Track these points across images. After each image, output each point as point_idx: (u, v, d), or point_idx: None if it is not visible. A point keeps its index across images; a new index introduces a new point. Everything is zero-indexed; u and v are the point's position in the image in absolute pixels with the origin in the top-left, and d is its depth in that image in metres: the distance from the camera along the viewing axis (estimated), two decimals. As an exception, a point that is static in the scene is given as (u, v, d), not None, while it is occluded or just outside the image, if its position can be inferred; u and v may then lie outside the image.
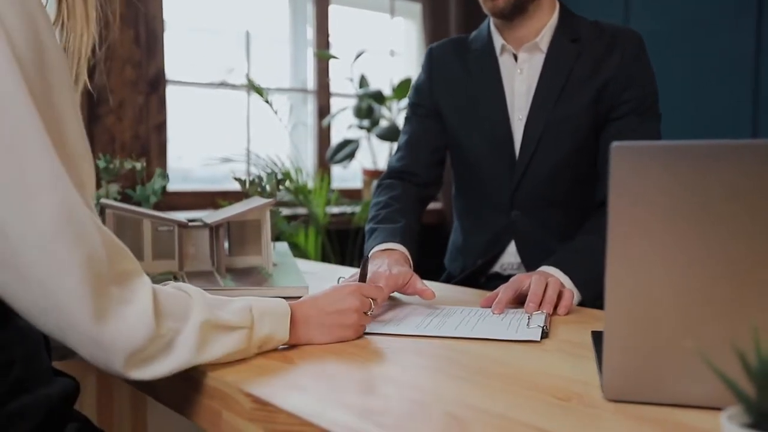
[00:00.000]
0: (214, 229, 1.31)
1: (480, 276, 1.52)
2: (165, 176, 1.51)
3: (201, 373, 0.78)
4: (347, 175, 3.30)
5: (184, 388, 0.81)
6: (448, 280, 1.57)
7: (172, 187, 2.76)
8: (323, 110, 3.17)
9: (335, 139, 3.14)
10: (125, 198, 1.48)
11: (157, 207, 2.67)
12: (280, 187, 1.49)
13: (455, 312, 1.08)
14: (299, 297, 1.18)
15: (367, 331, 0.96)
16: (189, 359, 0.74)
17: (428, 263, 1.70)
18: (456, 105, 1.52)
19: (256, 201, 1.34)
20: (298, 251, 2.61)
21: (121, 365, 0.69)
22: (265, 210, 1.31)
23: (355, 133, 3.07)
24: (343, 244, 2.85)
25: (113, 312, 0.68)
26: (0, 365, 0.71)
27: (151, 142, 2.67)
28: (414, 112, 1.60)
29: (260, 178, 1.50)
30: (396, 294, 1.20)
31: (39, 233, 0.65)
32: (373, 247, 1.31)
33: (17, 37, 0.65)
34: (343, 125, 3.14)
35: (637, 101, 1.39)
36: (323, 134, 3.17)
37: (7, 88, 0.64)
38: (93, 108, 2.52)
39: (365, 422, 0.63)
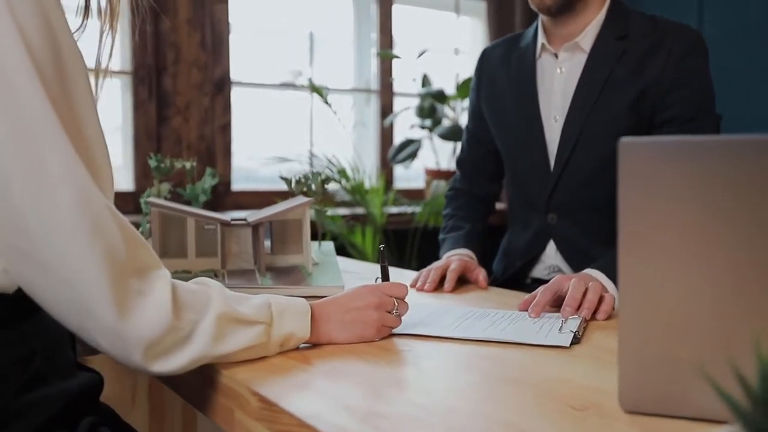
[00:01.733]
0: (255, 227, 1.32)
1: (523, 278, 1.48)
2: (214, 175, 1.54)
3: (216, 371, 0.79)
4: (411, 175, 3.29)
5: (202, 385, 0.82)
6: (492, 282, 1.54)
7: (236, 186, 2.82)
8: (386, 110, 3.16)
9: (398, 139, 3.13)
10: (176, 197, 1.52)
11: (221, 205, 2.76)
12: (325, 186, 1.49)
13: (489, 314, 1.05)
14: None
15: (395, 331, 0.94)
16: (205, 351, 0.74)
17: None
18: (495, 106, 1.52)
19: (299, 200, 1.34)
20: (356, 251, 2.61)
21: (140, 357, 0.70)
22: (305, 209, 1.31)
23: (417, 133, 3.05)
24: (401, 244, 2.83)
25: (132, 303, 0.69)
26: (21, 357, 0.73)
27: (216, 142, 2.73)
28: (470, 113, 1.65)
29: (306, 177, 1.50)
30: (438, 296, 1.19)
31: (57, 226, 0.66)
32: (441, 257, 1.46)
33: (32, 35, 0.67)
34: (406, 125, 3.13)
35: (685, 104, 1.32)
36: (385, 134, 3.17)
37: (23, 85, 0.66)
38: (161, 110, 2.60)
39: (364, 426, 0.62)
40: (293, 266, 1.33)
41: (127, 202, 2.51)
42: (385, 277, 1.03)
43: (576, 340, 0.91)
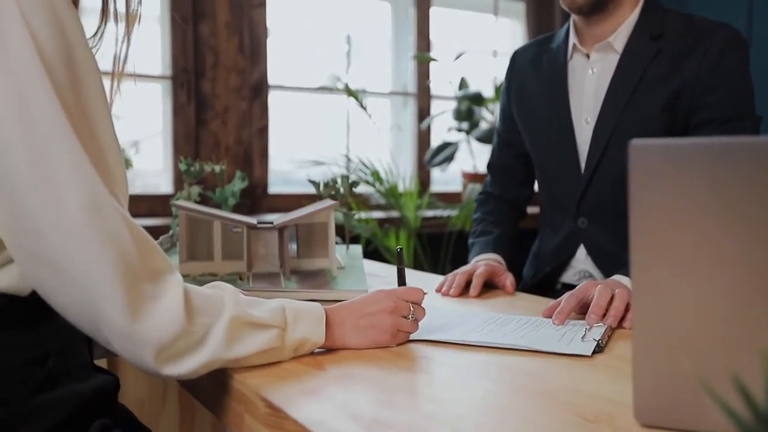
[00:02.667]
0: (280, 230, 1.32)
1: (553, 284, 1.45)
2: (244, 178, 1.55)
3: (228, 375, 0.79)
4: (449, 179, 3.27)
5: (215, 388, 0.82)
6: (521, 287, 1.52)
7: (273, 189, 2.84)
8: (423, 113, 3.15)
9: (435, 142, 3.12)
10: (205, 200, 1.53)
11: (258, 208, 2.78)
12: (353, 189, 1.49)
13: (512, 320, 1.03)
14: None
15: (412, 337, 0.93)
16: (218, 354, 0.74)
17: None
18: (525, 109, 1.50)
19: (324, 203, 1.34)
20: (390, 255, 2.60)
21: (152, 360, 0.70)
22: (330, 212, 1.30)
23: (454, 136, 3.03)
24: (435, 247, 2.81)
25: (144, 307, 0.69)
26: (35, 358, 0.74)
27: (253, 146, 2.75)
28: (501, 115, 1.63)
29: (334, 180, 1.50)
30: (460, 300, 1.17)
31: (68, 230, 0.67)
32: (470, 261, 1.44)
33: (44, 39, 0.68)
34: (443, 128, 3.11)
35: (722, 105, 1.27)
36: (423, 137, 3.15)
37: (35, 89, 0.67)
38: (199, 114, 2.63)
39: (367, 434, 0.61)
40: (319, 269, 1.33)
41: (165, 205, 2.54)
42: (401, 280, 1.01)
43: (599, 349, 0.88)
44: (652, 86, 1.32)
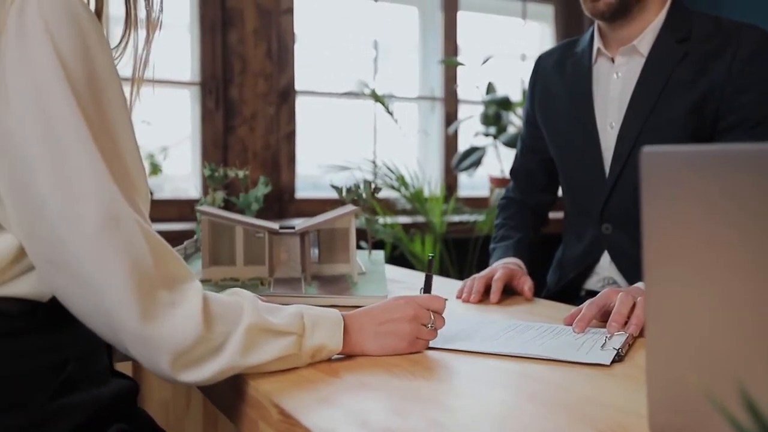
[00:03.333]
0: (302, 236, 1.33)
1: (576, 290, 1.43)
2: (267, 184, 1.56)
3: (244, 381, 0.79)
4: (477, 183, 3.25)
5: (231, 394, 0.82)
6: (545, 294, 1.50)
7: (301, 194, 2.85)
8: (450, 118, 3.14)
9: (462, 146, 3.10)
10: (230, 205, 1.54)
11: (285, 213, 2.79)
12: (376, 194, 1.49)
13: (532, 328, 1.02)
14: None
15: (435, 346, 0.92)
16: (234, 362, 0.74)
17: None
18: (549, 113, 1.49)
19: (346, 209, 1.34)
20: (416, 260, 2.59)
21: (168, 366, 0.71)
22: (351, 217, 1.30)
23: (481, 141, 3.01)
24: (462, 253, 2.79)
25: (161, 314, 0.70)
26: (54, 364, 0.75)
27: (281, 151, 2.77)
28: (524, 120, 1.62)
29: (357, 185, 1.50)
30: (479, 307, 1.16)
31: (86, 237, 0.68)
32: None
33: (68, 54, 0.69)
34: (471, 133, 3.10)
35: (752, 108, 1.24)
36: (450, 142, 3.14)
37: (57, 101, 0.68)
38: (227, 119, 2.66)
39: (376, 443, 0.61)
40: (340, 275, 1.33)
41: (193, 210, 2.56)
42: (427, 287, 1.01)
43: (618, 358, 0.87)
44: (679, 90, 1.30)
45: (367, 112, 3.03)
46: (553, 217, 1.68)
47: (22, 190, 0.69)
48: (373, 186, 1.47)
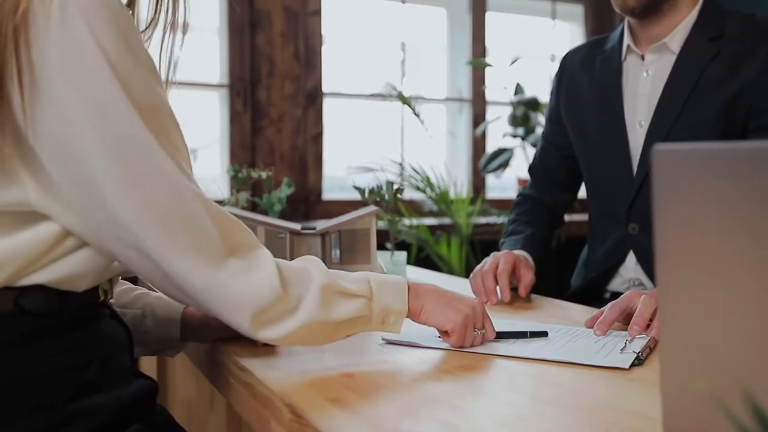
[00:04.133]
0: (322, 236, 1.33)
1: (600, 292, 1.41)
2: (290, 185, 1.56)
3: (257, 380, 0.79)
4: (505, 185, 3.23)
5: (245, 393, 0.83)
6: (569, 295, 1.48)
7: (327, 195, 2.86)
8: (478, 119, 3.12)
9: (490, 148, 3.08)
10: (253, 206, 1.55)
11: (312, 214, 2.80)
12: (398, 195, 1.48)
13: (550, 330, 1.00)
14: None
15: (449, 348, 0.91)
16: (312, 316, 0.78)
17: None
18: (576, 111, 1.46)
19: (367, 210, 1.34)
20: (443, 262, 2.58)
21: (249, 325, 0.75)
22: (372, 218, 1.30)
23: (509, 142, 2.99)
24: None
25: (237, 280, 0.74)
26: (77, 365, 0.75)
27: (308, 152, 2.78)
28: (547, 118, 1.60)
29: (379, 187, 1.50)
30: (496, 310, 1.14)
31: (152, 219, 0.71)
32: None
33: (110, 48, 0.69)
34: (499, 134, 3.08)
35: None
36: (478, 143, 3.12)
37: (108, 98, 0.69)
38: (255, 121, 2.68)
39: (384, 444, 0.60)
40: (361, 276, 1.33)
41: (221, 211, 2.59)
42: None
43: (638, 362, 0.85)
44: (710, 89, 1.27)
45: (394, 114, 3.02)
46: (578, 220, 1.65)
47: (82, 180, 0.70)
48: (395, 187, 1.47)
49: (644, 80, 1.36)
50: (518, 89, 2.94)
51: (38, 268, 0.73)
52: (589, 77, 1.46)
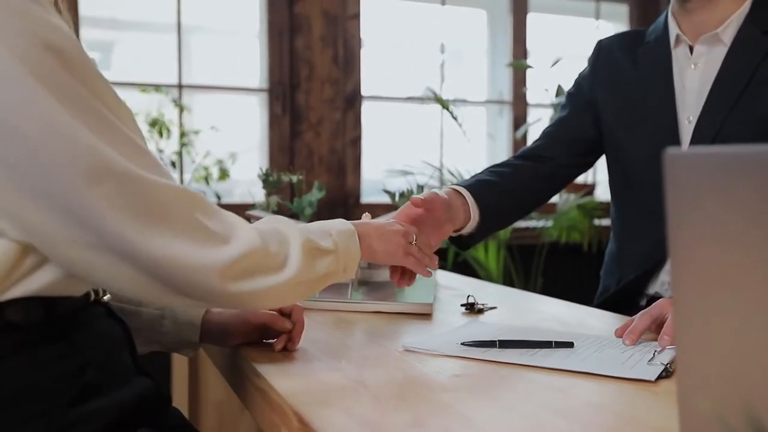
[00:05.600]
0: (350, 241, 1.32)
1: (637, 295, 1.35)
2: (321, 189, 1.56)
3: (270, 386, 0.78)
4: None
5: (260, 398, 0.82)
6: (603, 294, 1.42)
7: (366, 199, 2.86)
8: (519, 121, 3.08)
9: (531, 150, 3.03)
10: (283, 210, 1.55)
11: (350, 218, 2.78)
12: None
13: (576, 339, 0.97)
14: (422, 314, 1.15)
15: (469, 356, 0.89)
16: (300, 273, 0.78)
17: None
18: (616, 102, 1.39)
19: (393, 214, 1.32)
20: (480, 267, 2.55)
21: (217, 277, 0.72)
22: (398, 223, 1.28)
23: (551, 144, 2.94)
24: (527, 260, 2.72)
25: (211, 228, 0.72)
26: (74, 368, 0.74)
27: (346, 155, 2.78)
28: (568, 101, 1.49)
29: (410, 191, 1.48)
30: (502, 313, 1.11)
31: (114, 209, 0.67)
32: None
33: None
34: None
35: None
36: (518, 146, 3.08)
37: (24, 93, 0.65)
38: (294, 125, 2.69)
39: (387, 456, 0.58)
40: (388, 281, 1.31)
41: (259, 214, 2.61)
42: None
43: (666, 374, 0.81)
44: (764, 85, 1.21)
45: (434, 117, 3.00)
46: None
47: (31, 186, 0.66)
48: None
49: (692, 73, 1.30)
50: (559, 91, 2.89)
51: (13, 283, 0.70)
52: (633, 66, 1.38)
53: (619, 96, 1.39)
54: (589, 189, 2.99)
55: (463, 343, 0.93)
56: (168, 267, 0.69)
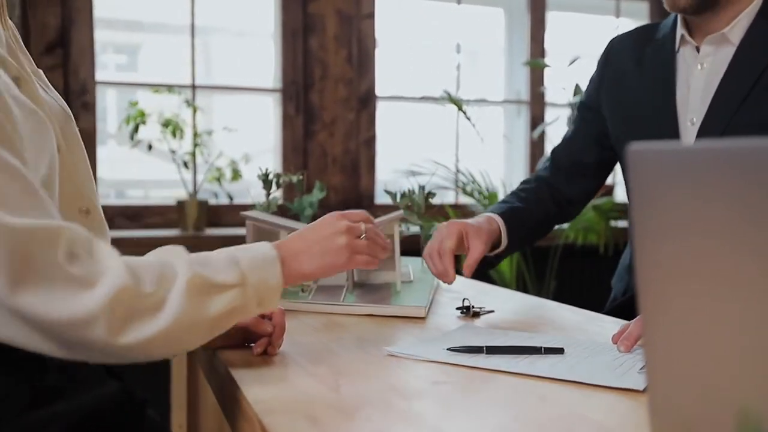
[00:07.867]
0: (346, 242, 1.29)
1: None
2: (322, 189, 1.53)
3: (241, 394, 0.76)
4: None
5: (234, 405, 0.80)
6: (613, 302, 1.39)
7: (380, 200, 2.83)
8: (536, 121, 3.03)
9: (549, 150, 2.98)
10: (284, 210, 1.53)
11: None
12: (429, 200, 1.44)
13: (569, 345, 0.93)
14: (415, 317, 1.12)
15: (454, 362, 0.86)
16: (183, 313, 0.69)
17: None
18: (620, 104, 1.35)
19: (391, 215, 1.29)
20: (494, 270, 2.50)
21: (104, 330, 0.64)
22: (394, 224, 1.26)
23: (569, 145, 2.88)
24: (541, 262, 2.67)
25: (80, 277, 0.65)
26: (33, 371, 0.72)
27: (360, 156, 2.76)
28: (578, 108, 1.48)
29: (411, 191, 1.45)
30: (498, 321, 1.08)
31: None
32: None
33: None
34: (558, 136, 2.97)
35: None
36: (536, 145, 3.03)
37: None
38: (307, 125, 2.67)
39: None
40: (385, 283, 1.28)
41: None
42: None
43: (657, 383, 0.77)
44: None
45: (450, 117, 2.97)
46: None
47: None
48: (426, 191, 1.42)
49: (698, 74, 1.26)
50: (577, 90, 2.83)
51: None
52: (638, 68, 1.35)
53: (623, 97, 1.36)
54: (608, 190, 2.93)
55: (449, 349, 0.90)
56: (41, 324, 0.63)
